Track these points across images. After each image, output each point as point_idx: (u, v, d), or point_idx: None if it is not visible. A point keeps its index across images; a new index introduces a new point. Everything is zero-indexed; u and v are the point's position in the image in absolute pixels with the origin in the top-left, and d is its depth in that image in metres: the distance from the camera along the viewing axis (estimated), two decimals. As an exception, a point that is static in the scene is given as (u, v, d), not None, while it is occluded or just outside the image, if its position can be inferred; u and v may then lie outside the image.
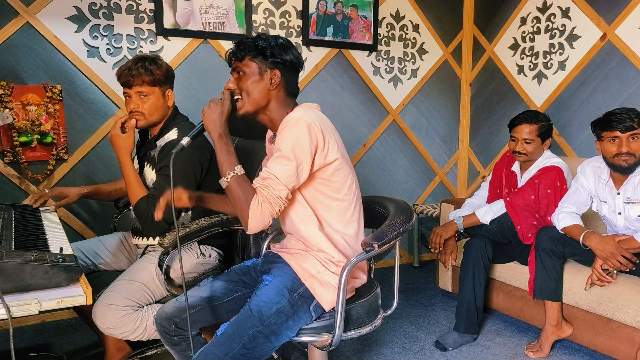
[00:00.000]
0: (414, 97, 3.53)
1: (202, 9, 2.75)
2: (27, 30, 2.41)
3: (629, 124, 1.99)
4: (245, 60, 1.46)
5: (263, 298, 1.39)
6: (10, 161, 2.42)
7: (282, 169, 1.35)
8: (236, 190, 1.35)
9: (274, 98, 1.49)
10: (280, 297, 1.40)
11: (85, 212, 2.64)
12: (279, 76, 1.47)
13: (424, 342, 2.42)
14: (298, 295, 1.42)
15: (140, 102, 1.82)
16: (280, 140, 1.39)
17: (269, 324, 1.36)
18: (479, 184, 3.28)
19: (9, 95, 2.37)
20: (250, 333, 1.34)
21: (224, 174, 1.38)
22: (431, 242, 2.57)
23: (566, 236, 2.18)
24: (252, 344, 1.34)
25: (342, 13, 3.16)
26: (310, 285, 1.44)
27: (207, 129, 1.42)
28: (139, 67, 1.79)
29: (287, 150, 1.36)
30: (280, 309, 1.38)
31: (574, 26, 2.96)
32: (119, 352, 1.91)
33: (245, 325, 1.35)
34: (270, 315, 1.37)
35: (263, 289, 1.42)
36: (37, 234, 1.55)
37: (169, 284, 1.75)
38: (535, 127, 2.40)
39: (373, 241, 1.44)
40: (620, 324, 2.05)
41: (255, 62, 1.46)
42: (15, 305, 1.06)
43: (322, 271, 1.46)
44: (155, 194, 1.75)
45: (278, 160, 1.37)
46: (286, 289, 1.42)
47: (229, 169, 1.37)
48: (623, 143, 2.01)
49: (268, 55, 1.45)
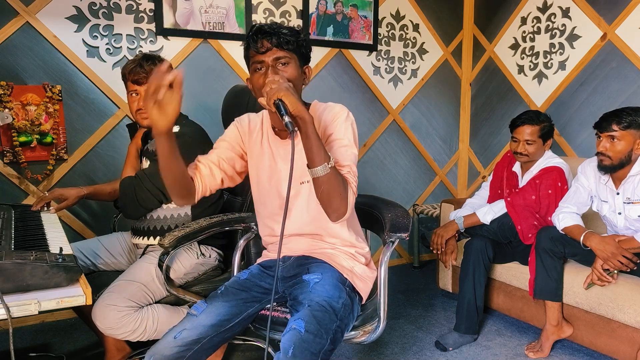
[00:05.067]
0: (414, 97, 3.53)
1: (202, 9, 2.75)
2: (27, 30, 2.40)
3: (610, 126, 2.05)
4: (285, 50, 1.35)
5: (326, 294, 1.36)
6: (10, 161, 2.42)
7: (352, 156, 1.37)
8: (336, 179, 1.26)
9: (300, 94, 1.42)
10: (340, 291, 1.39)
11: (85, 212, 2.64)
12: (311, 70, 1.46)
13: (424, 342, 2.42)
14: (349, 288, 1.44)
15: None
16: (339, 131, 1.39)
17: (342, 317, 1.35)
18: (479, 184, 3.28)
19: (8, 95, 2.36)
20: (333, 328, 1.30)
21: (321, 162, 1.23)
22: (432, 243, 2.57)
23: (566, 236, 2.18)
24: (335, 338, 1.31)
25: (342, 13, 3.15)
26: (351, 279, 1.46)
27: (296, 109, 1.22)
28: (150, 64, 1.79)
29: (351, 139, 1.39)
30: (345, 302, 1.37)
31: (574, 26, 2.95)
32: (118, 352, 1.91)
33: (326, 320, 1.30)
34: (339, 309, 1.35)
35: (318, 286, 1.38)
36: (37, 234, 1.54)
37: (169, 284, 1.75)
38: (537, 128, 2.40)
39: (397, 232, 1.51)
40: (620, 324, 2.05)
41: (295, 54, 1.38)
42: (15, 305, 1.05)
43: (354, 265, 1.50)
44: (140, 175, 1.78)
45: (346, 149, 1.37)
46: (339, 282, 1.42)
47: (327, 156, 1.25)
48: (601, 142, 2.09)
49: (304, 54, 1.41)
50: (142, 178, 1.77)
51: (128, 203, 1.79)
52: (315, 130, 1.24)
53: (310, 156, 1.25)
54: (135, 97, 1.83)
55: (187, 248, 1.84)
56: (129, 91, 1.85)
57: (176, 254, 1.81)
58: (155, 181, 1.75)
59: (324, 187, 1.26)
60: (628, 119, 2.03)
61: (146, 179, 1.76)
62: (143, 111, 1.81)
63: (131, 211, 1.82)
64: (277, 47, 1.34)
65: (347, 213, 1.32)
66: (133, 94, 1.84)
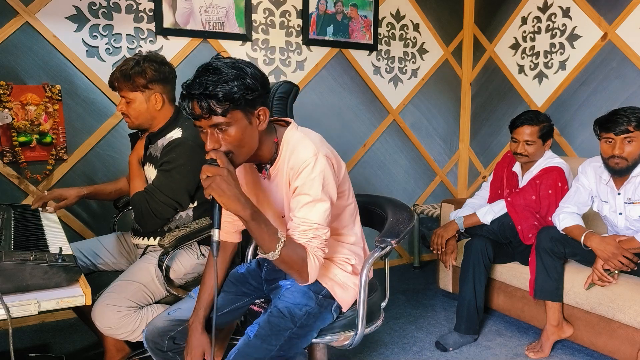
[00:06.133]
0: (414, 97, 3.52)
1: (201, 9, 2.75)
2: (27, 29, 2.40)
3: (625, 127, 1.98)
4: (230, 112, 1.19)
5: (291, 300, 1.38)
6: (10, 161, 2.42)
7: (319, 213, 1.27)
8: (289, 257, 1.24)
9: (261, 134, 1.29)
10: (308, 298, 1.40)
11: (85, 212, 2.63)
12: (264, 110, 1.26)
13: (424, 343, 2.41)
14: (322, 296, 1.43)
15: (125, 106, 1.83)
16: (305, 185, 1.26)
17: (301, 325, 1.36)
18: (479, 184, 3.28)
19: (8, 95, 2.36)
20: (286, 335, 1.33)
21: (270, 249, 1.22)
22: (433, 244, 2.56)
23: (567, 236, 2.17)
24: (288, 345, 1.33)
25: (342, 12, 3.15)
26: (331, 288, 1.45)
27: (230, 210, 1.17)
28: (123, 71, 1.78)
29: (318, 193, 1.26)
30: (310, 311, 1.38)
31: (574, 26, 2.95)
32: (118, 352, 1.90)
33: (280, 326, 1.33)
34: (301, 316, 1.36)
35: (288, 292, 1.41)
36: (37, 234, 1.54)
37: (169, 284, 1.75)
38: (537, 128, 2.40)
39: (389, 238, 1.44)
40: (621, 325, 2.05)
41: (239, 110, 1.20)
42: (14, 305, 1.05)
43: (338, 274, 1.47)
44: (151, 189, 1.77)
45: (312, 205, 1.27)
46: (311, 290, 1.42)
47: (275, 241, 1.22)
48: (616, 145, 2.01)
49: (250, 99, 1.20)
50: (153, 191, 1.76)
51: (145, 218, 1.77)
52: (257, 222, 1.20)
53: (258, 244, 1.24)
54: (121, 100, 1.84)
55: (187, 248, 1.84)
56: None
57: (176, 254, 1.81)
58: (167, 192, 1.75)
59: (281, 266, 1.27)
60: (637, 116, 1.98)
61: (158, 192, 1.75)
62: (126, 116, 1.85)
63: (150, 226, 1.80)
64: (211, 113, 1.18)
65: (310, 280, 1.31)
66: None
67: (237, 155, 1.25)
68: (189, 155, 1.76)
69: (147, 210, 1.75)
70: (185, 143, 1.78)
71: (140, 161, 1.92)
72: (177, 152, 1.76)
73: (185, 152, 1.76)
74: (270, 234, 1.22)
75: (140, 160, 1.92)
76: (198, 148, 1.78)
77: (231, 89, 1.17)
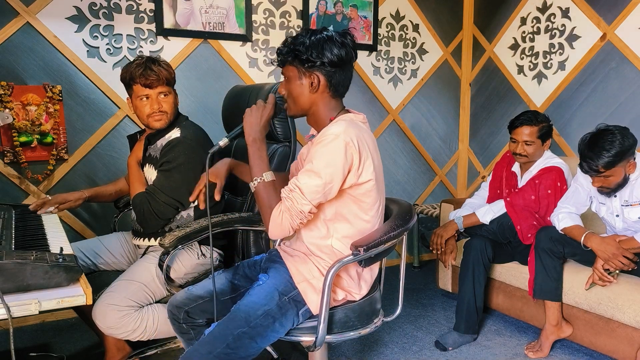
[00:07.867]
0: (414, 97, 3.53)
1: (202, 9, 2.75)
2: (27, 30, 2.41)
3: (593, 172, 2.00)
4: (287, 65, 1.45)
5: (253, 299, 1.40)
6: (11, 161, 2.42)
7: (309, 183, 1.33)
8: (262, 196, 1.39)
9: (319, 101, 1.47)
10: (269, 299, 1.40)
11: (86, 212, 2.64)
12: (319, 79, 1.44)
13: (424, 342, 2.42)
14: (289, 299, 1.43)
15: (164, 103, 1.82)
16: (314, 153, 1.35)
17: (255, 325, 1.36)
18: (479, 184, 3.28)
19: (9, 95, 2.37)
20: (235, 333, 1.34)
21: (252, 178, 1.41)
22: (432, 244, 2.57)
23: (566, 236, 2.18)
24: (237, 344, 1.34)
25: (342, 13, 3.16)
26: (303, 290, 1.44)
27: (245, 127, 1.45)
28: (158, 67, 1.78)
29: (319, 166, 1.33)
30: (268, 311, 1.39)
31: (573, 26, 2.96)
32: (119, 352, 1.91)
33: (231, 325, 1.36)
34: (257, 317, 1.37)
35: (255, 289, 1.44)
36: (37, 234, 1.55)
37: (169, 284, 1.76)
38: (536, 128, 2.40)
39: (360, 245, 1.38)
40: (620, 324, 2.06)
41: (294, 67, 1.44)
42: (15, 305, 1.06)
43: (317, 277, 1.45)
44: (152, 189, 1.77)
45: (308, 173, 1.34)
46: (277, 291, 1.42)
47: (258, 174, 1.40)
48: (595, 181, 2.06)
49: (304, 60, 1.41)
50: (154, 192, 1.77)
51: (147, 219, 1.78)
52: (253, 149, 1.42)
53: (249, 170, 1.44)
54: (146, 101, 1.80)
55: (188, 248, 1.84)
56: (138, 95, 1.81)
57: (177, 254, 1.81)
58: (168, 192, 1.76)
59: (256, 201, 1.43)
60: (608, 157, 1.94)
61: (159, 192, 1.76)
62: (156, 114, 1.81)
63: (153, 226, 1.81)
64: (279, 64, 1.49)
65: (274, 232, 1.37)
66: (144, 99, 1.80)
67: (289, 105, 1.50)
68: (188, 154, 1.77)
69: (149, 211, 1.76)
70: (184, 142, 1.78)
71: (139, 163, 1.92)
72: (176, 151, 1.77)
73: (185, 150, 1.77)
74: (259, 166, 1.41)
75: (139, 162, 1.92)
76: (197, 146, 1.79)
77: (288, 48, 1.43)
